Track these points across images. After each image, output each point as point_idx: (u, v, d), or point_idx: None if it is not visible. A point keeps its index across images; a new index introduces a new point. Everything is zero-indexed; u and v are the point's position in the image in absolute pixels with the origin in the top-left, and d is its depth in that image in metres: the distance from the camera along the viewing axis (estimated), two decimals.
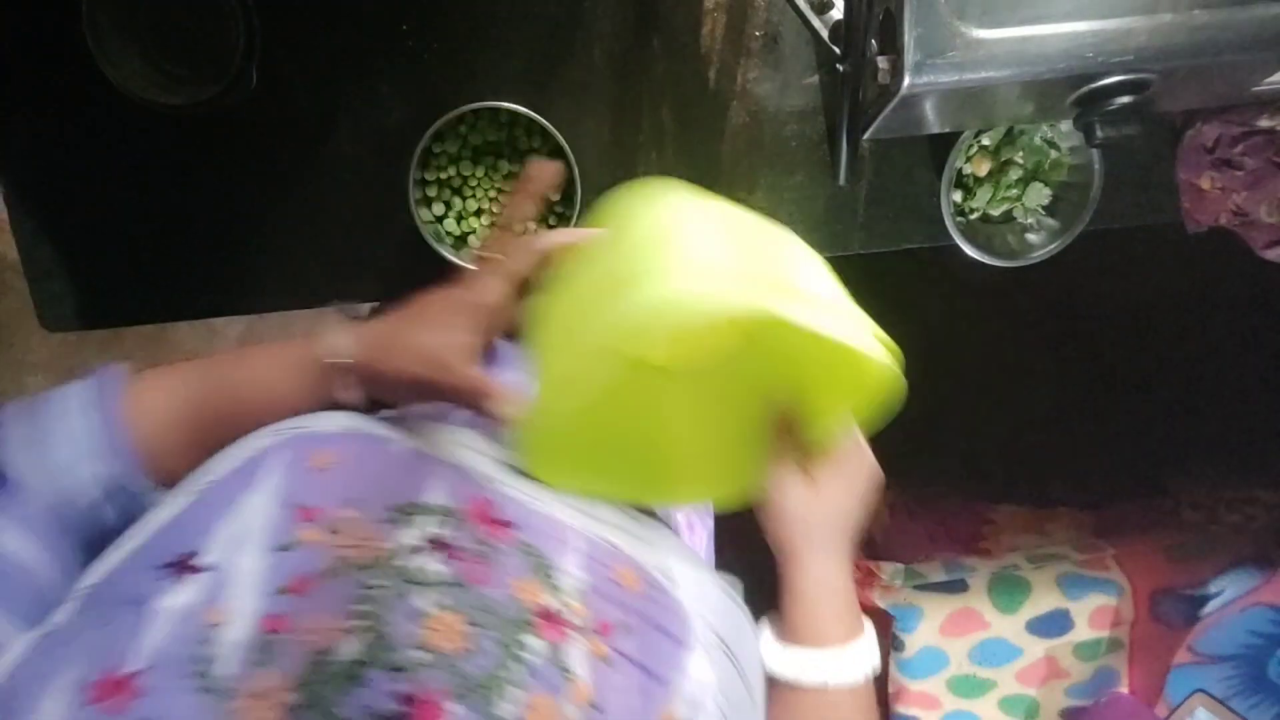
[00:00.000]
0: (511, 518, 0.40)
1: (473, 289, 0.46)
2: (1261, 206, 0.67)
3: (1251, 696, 0.89)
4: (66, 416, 0.44)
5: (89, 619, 0.32)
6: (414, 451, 0.42)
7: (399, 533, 0.36)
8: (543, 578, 0.38)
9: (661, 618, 0.39)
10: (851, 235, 0.72)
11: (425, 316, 0.47)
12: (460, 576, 0.35)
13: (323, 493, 0.37)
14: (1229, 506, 1.09)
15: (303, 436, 0.40)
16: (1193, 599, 0.97)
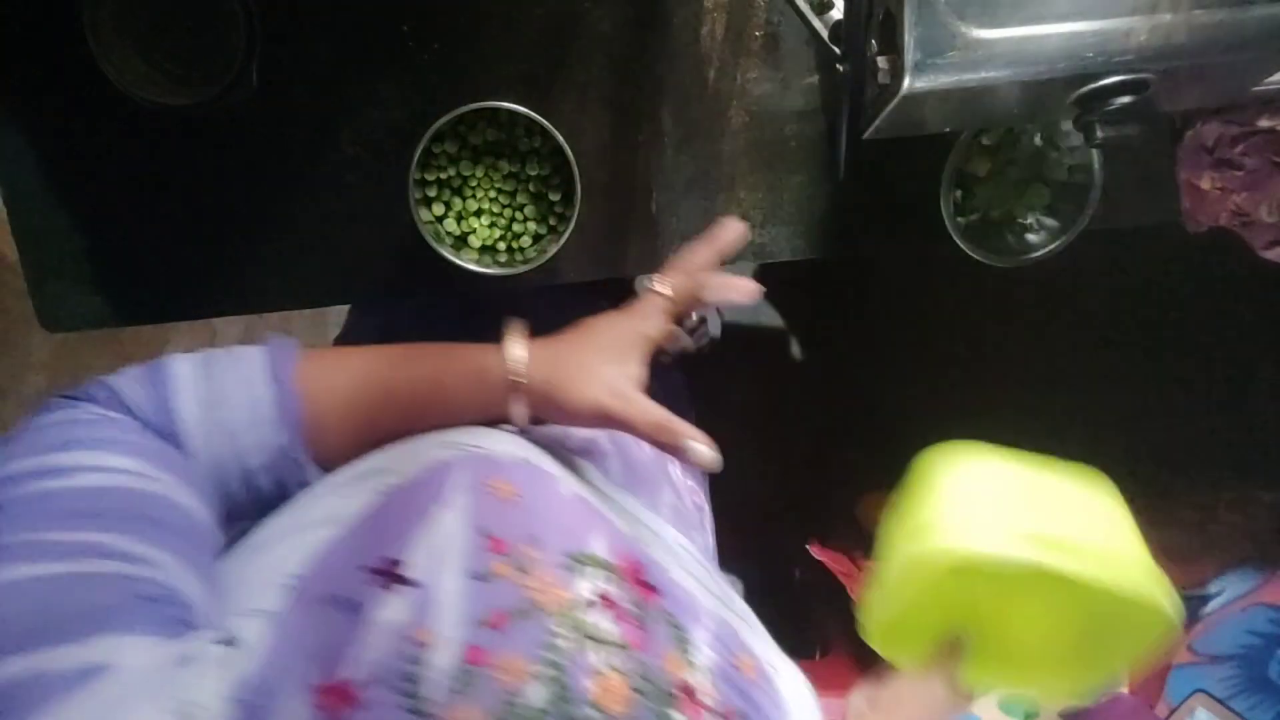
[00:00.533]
0: (657, 583, 0.40)
1: (644, 322, 0.48)
2: (1261, 206, 0.67)
3: (1252, 696, 0.89)
4: (246, 382, 0.42)
5: (309, 616, 0.31)
6: (578, 497, 0.41)
7: (575, 582, 0.36)
8: (682, 651, 0.38)
9: (771, 713, 0.39)
10: (851, 235, 0.72)
11: (602, 345, 0.47)
12: (625, 639, 0.35)
13: (509, 525, 0.36)
14: (1229, 506, 1.09)
15: (481, 458, 0.39)
16: (1193, 599, 0.97)
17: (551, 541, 0.37)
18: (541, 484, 0.40)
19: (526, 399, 0.46)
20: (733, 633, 0.42)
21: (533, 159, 0.66)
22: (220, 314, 0.72)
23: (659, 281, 0.49)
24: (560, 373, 0.46)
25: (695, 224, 0.71)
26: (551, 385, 0.46)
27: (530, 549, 0.35)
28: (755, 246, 0.72)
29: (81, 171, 0.68)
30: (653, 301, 0.49)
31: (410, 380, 0.46)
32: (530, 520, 0.37)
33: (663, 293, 0.48)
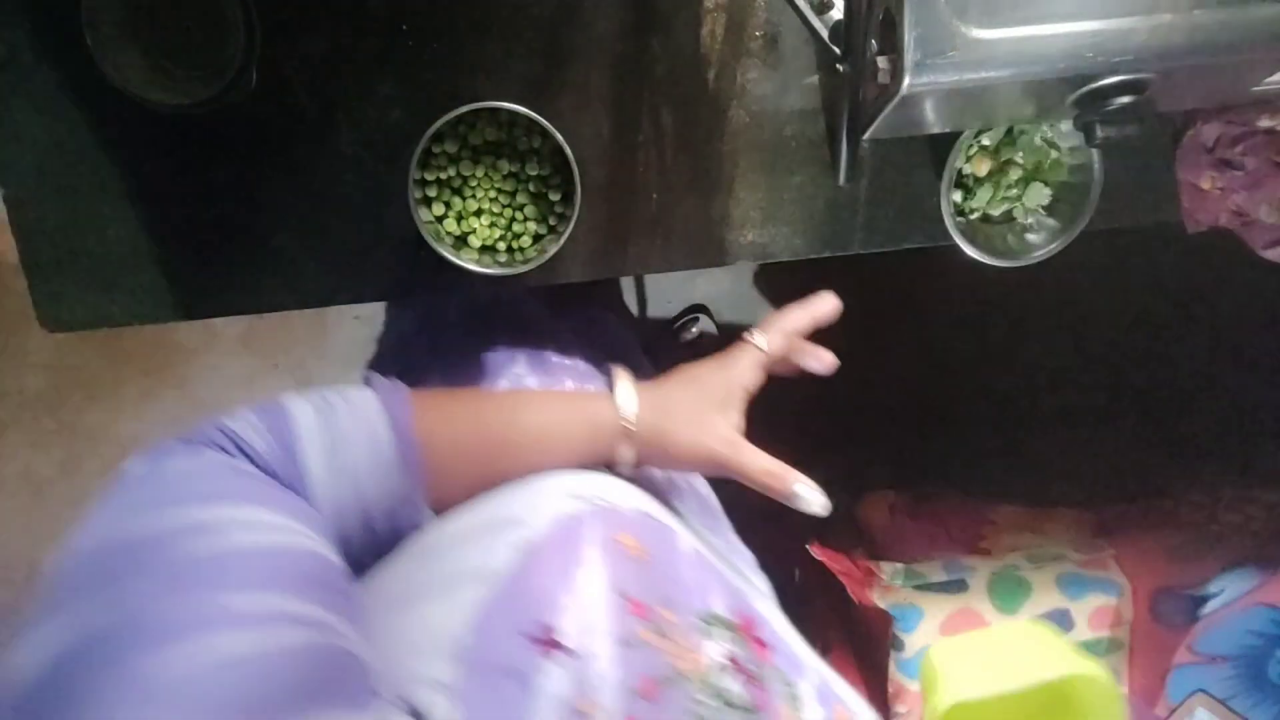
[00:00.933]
0: (768, 639, 0.40)
1: (745, 373, 0.51)
2: (1261, 206, 0.67)
3: (1251, 696, 0.89)
4: (367, 428, 0.41)
5: (484, 688, 0.30)
6: (696, 551, 0.41)
7: (706, 645, 0.35)
8: (795, 710, 0.37)
9: None
10: (851, 235, 0.72)
11: (707, 393, 0.49)
12: (754, 703, 0.35)
13: (644, 586, 0.36)
14: (1229, 506, 1.09)
15: (607, 512, 0.39)
16: (1193, 599, 0.97)
17: (682, 602, 0.36)
18: (664, 539, 0.40)
19: (635, 445, 0.47)
20: (827, 684, 0.41)
21: (533, 159, 0.66)
22: (220, 314, 0.72)
23: (759, 336, 0.52)
24: (669, 420, 0.48)
25: (695, 224, 0.71)
26: (661, 432, 0.47)
27: (666, 611, 0.35)
28: (755, 246, 0.72)
29: (81, 171, 0.68)
30: (751, 354, 0.51)
31: (523, 427, 0.47)
32: (661, 580, 0.37)
33: (761, 348, 0.51)
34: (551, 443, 0.47)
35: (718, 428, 0.48)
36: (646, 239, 0.71)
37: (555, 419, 0.47)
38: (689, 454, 0.48)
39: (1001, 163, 0.70)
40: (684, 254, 0.72)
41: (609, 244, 0.71)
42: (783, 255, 0.72)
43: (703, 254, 0.72)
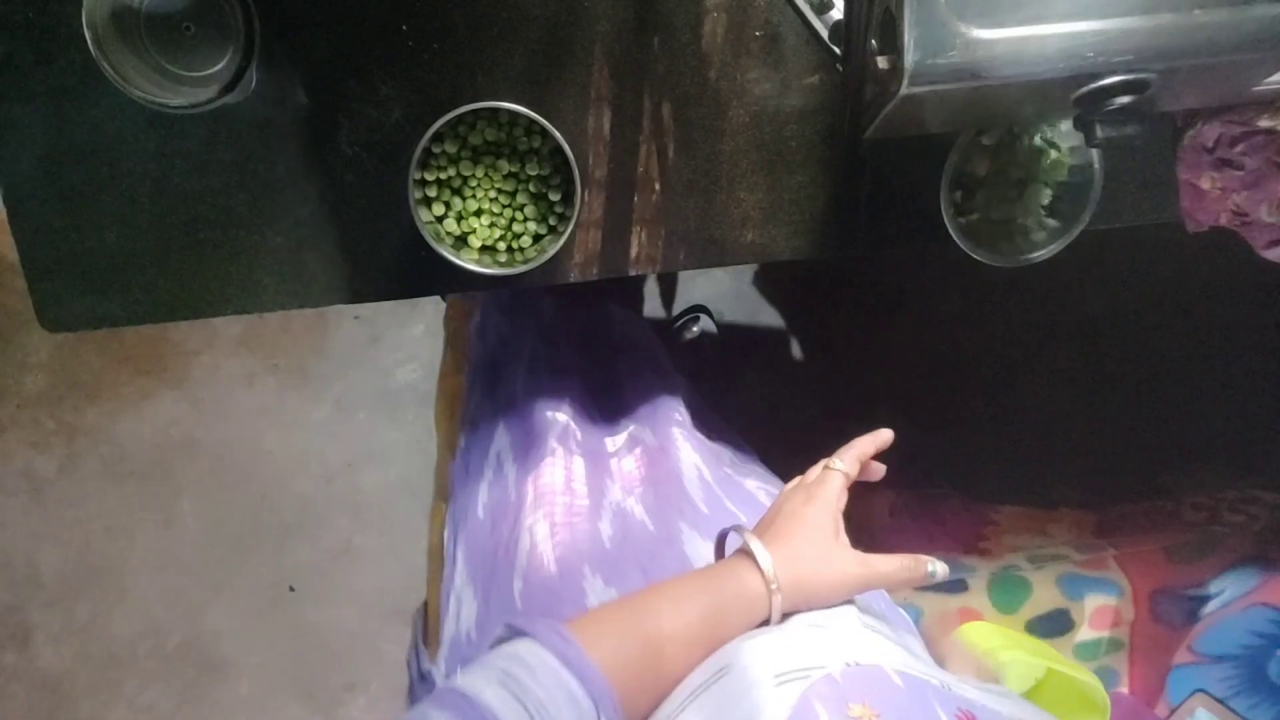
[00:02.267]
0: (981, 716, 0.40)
1: (840, 500, 0.56)
2: (1261, 206, 0.67)
3: (1252, 696, 0.89)
4: (556, 684, 0.41)
5: None
6: (901, 674, 0.41)
7: None
8: None
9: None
10: (851, 235, 0.72)
11: (820, 528, 0.53)
12: None
13: None
14: (1230, 507, 1.09)
15: (821, 683, 0.39)
16: (1193, 599, 0.97)
17: None
18: (880, 686, 0.39)
19: (783, 603, 0.49)
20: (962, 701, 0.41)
21: (533, 159, 0.66)
22: (220, 314, 0.72)
23: (838, 463, 0.58)
24: (803, 566, 0.51)
25: (695, 224, 0.71)
26: (800, 581, 0.50)
27: None
28: (755, 246, 0.72)
29: (82, 172, 0.68)
30: (838, 481, 0.56)
31: (685, 623, 0.47)
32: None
33: (847, 472, 0.57)
34: (714, 629, 0.48)
35: (846, 558, 0.52)
36: (647, 239, 0.71)
37: (709, 604, 0.48)
38: (831, 592, 0.51)
39: (1001, 163, 0.70)
40: (684, 254, 0.72)
41: (609, 244, 0.71)
42: (783, 255, 0.72)
43: (703, 254, 0.72)
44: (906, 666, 0.42)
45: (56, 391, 1.67)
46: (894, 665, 0.42)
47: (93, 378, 1.67)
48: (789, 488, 0.59)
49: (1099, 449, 1.42)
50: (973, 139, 0.69)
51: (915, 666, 0.43)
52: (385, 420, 1.65)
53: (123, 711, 1.65)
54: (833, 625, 0.48)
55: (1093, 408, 1.50)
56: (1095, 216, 0.71)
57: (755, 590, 0.49)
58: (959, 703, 0.40)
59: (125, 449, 1.68)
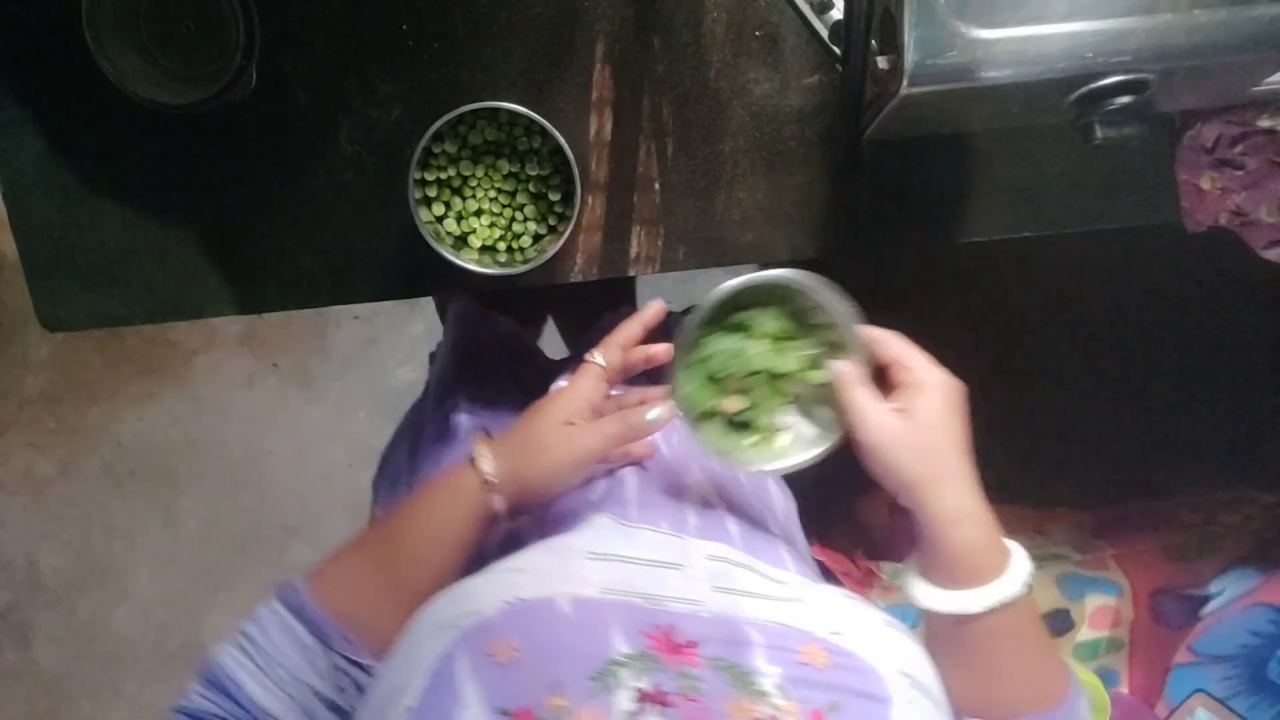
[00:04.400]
0: (692, 636, 0.40)
1: (584, 389, 0.54)
2: (1261, 206, 0.67)
3: (1251, 696, 0.89)
4: (282, 629, 0.47)
5: None
6: (577, 602, 0.42)
7: (612, 701, 0.36)
8: (745, 689, 0.37)
9: (858, 683, 0.39)
10: (852, 235, 0.72)
11: (548, 417, 0.53)
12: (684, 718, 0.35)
13: (525, 688, 0.37)
14: (1228, 507, 1.09)
15: (474, 629, 0.40)
16: (1193, 599, 0.97)
17: (572, 675, 0.37)
18: (537, 618, 0.41)
19: (505, 495, 0.51)
20: (787, 630, 0.42)
21: (533, 159, 0.66)
22: (220, 314, 0.72)
23: (597, 354, 0.56)
24: (525, 456, 0.52)
25: (695, 224, 0.71)
26: (520, 471, 0.51)
27: (555, 698, 0.36)
28: (755, 246, 0.72)
29: (81, 171, 0.68)
30: (590, 371, 0.55)
31: (409, 539, 0.51)
32: (543, 668, 0.37)
33: (599, 363, 0.55)
34: (437, 537, 0.51)
35: (561, 439, 0.52)
36: (647, 239, 0.71)
37: (429, 514, 0.52)
38: (551, 477, 0.52)
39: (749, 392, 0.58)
40: (684, 254, 0.72)
41: (609, 244, 0.71)
42: (783, 255, 0.72)
43: (703, 254, 0.72)
44: (606, 592, 0.43)
45: (57, 391, 1.67)
46: (578, 593, 0.42)
47: (93, 377, 1.67)
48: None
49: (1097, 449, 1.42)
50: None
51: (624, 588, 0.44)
52: (385, 420, 1.65)
53: (123, 711, 1.65)
54: (531, 562, 0.48)
55: (1091, 408, 1.50)
56: (1095, 216, 0.71)
57: (469, 486, 0.51)
58: (667, 618, 0.41)
59: (125, 449, 1.68)
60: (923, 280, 1.52)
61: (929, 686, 0.42)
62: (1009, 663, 0.48)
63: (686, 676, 0.38)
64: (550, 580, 0.44)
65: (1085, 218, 0.72)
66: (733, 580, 0.47)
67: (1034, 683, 0.49)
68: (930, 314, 1.52)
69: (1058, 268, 1.53)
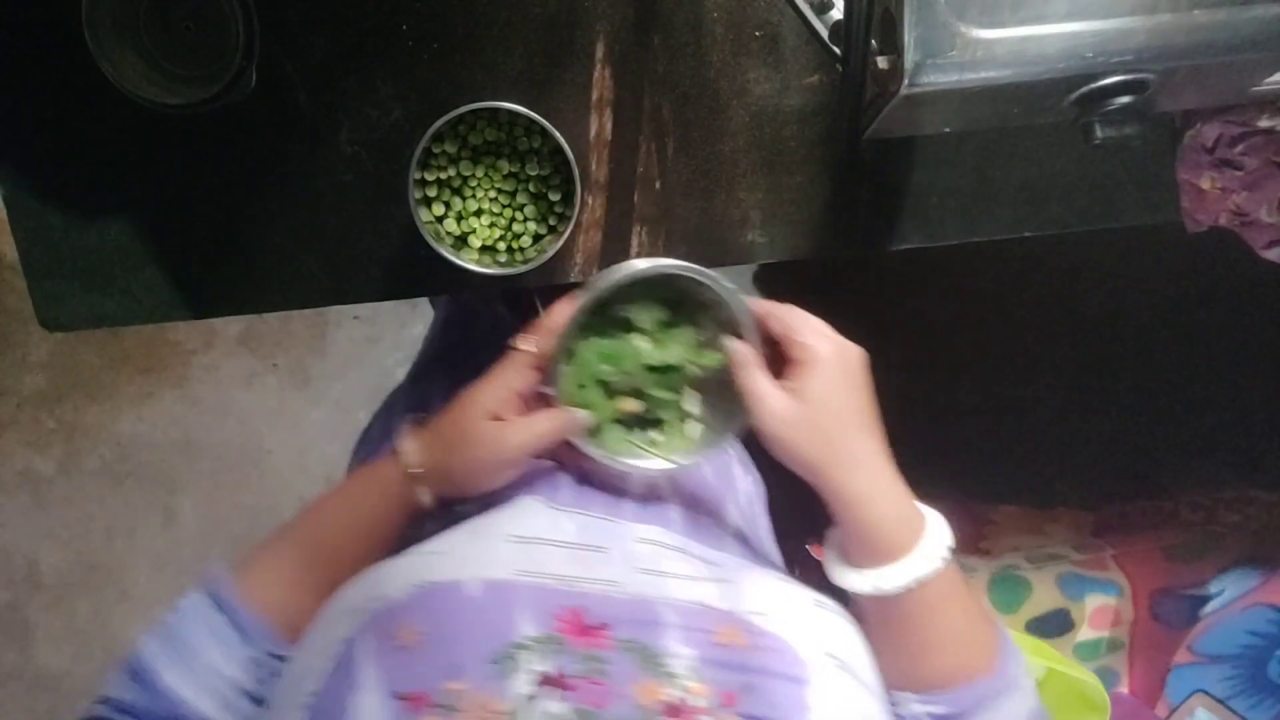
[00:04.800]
0: (604, 618, 0.40)
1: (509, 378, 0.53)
2: (1261, 206, 0.67)
3: (1251, 696, 0.89)
4: (202, 620, 0.47)
5: None
6: (487, 584, 0.42)
7: (510, 684, 0.36)
8: (655, 670, 0.37)
9: (775, 663, 0.39)
10: (851, 235, 0.72)
11: (472, 408, 0.52)
12: (584, 706, 0.35)
13: (423, 672, 0.36)
14: (1229, 506, 1.09)
15: (380, 614, 0.40)
16: (1193, 599, 0.97)
17: (472, 659, 0.37)
18: (443, 602, 0.41)
19: (430, 486, 0.50)
20: (707, 611, 0.41)
21: (533, 159, 0.66)
22: (220, 314, 0.72)
23: (524, 341, 0.54)
24: (447, 447, 0.51)
25: (695, 224, 0.71)
26: (440, 465, 0.50)
27: (451, 683, 0.35)
28: (755, 246, 0.72)
29: (81, 171, 0.68)
30: (515, 359, 0.54)
31: (333, 530, 0.51)
32: (443, 651, 0.37)
33: (526, 349, 0.54)
34: (361, 529, 0.50)
35: (484, 434, 0.51)
36: (647, 239, 0.71)
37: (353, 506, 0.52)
38: (478, 474, 0.51)
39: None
40: (684, 254, 0.71)
41: (609, 244, 0.71)
42: (783, 255, 0.72)
43: (703, 254, 0.72)
44: (520, 574, 0.43)
45: (56, 391, 1.67)
46: (489, 576, 0.42)
47: (93, 377, 1.67)
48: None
49: (1097, 449, 1.42)
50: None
51: (540, 570, 0.43)
52: None
53: None
54: (449, 544, 0.47)
55: (1091, 407, 1.50)
56: (1095, 216, 0.71)
57: (394, 477, 0.51)
58: (580, 600, 0.41)
59: (125, 449, 1.68)
60: (923, 280, 1.52)
61: (855, 666, 0.42)
62: (935, 636, 0.47)
63: (593, 659, 0.37)
64: (463, 563, 0.44)
65: (1085, 218, 0.72)
66: (660, 563, 0.46)
67: (963, 652, 0.47)
68: (930, 314, 1.53)
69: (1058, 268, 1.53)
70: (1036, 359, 1.52)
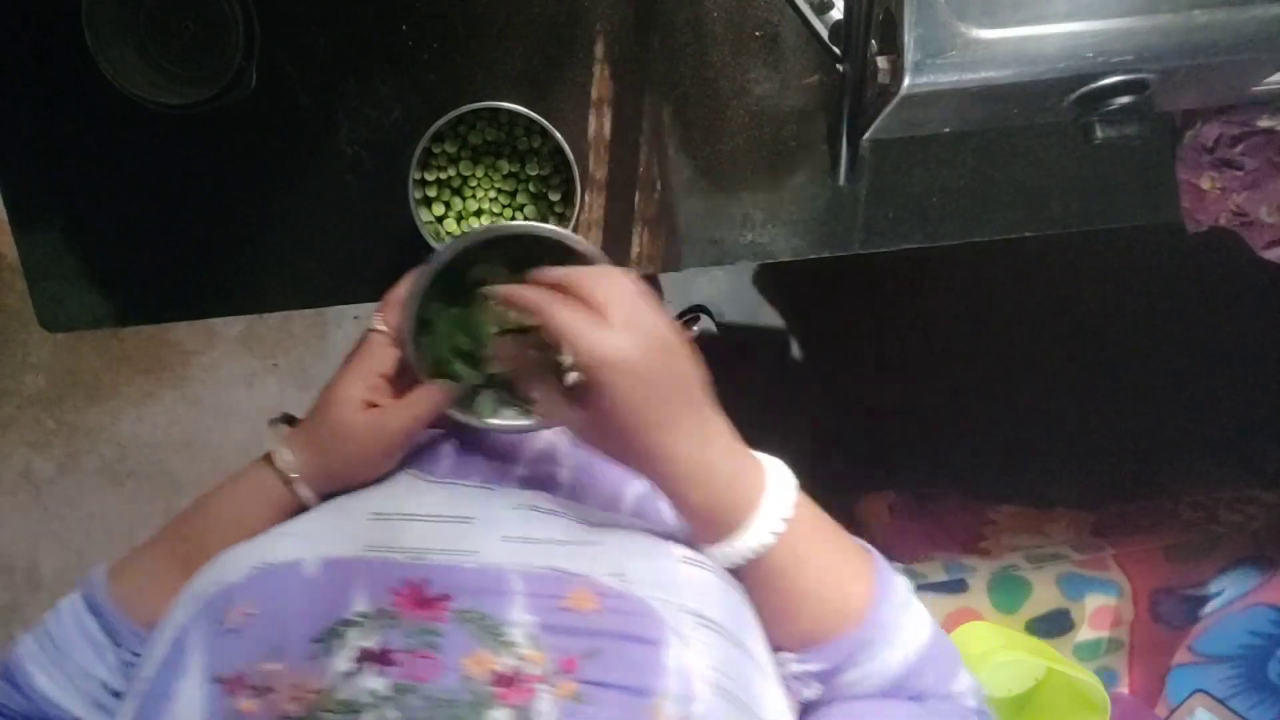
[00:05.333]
0: (447, 589, 0.39)
1: (372, 361, 0.52)
2: (1261, 206, 0.67)
3: (1251, 696, 0.89)
4: (75, 624, 0.47)
5: None
6: (327, 563, 0.41)
7: (330, 663, 0.35)
8: (491, 640, 0.36)
9: (627, 625, 0.38)
10: (851, 235, 0.72)
11: (339, 396, 0.50)
12: (404, 681, 0.34)
13: (245, 654, 0.36)
14: (1229, 506, 1.09)
15: (215, 597, 0.40)
16: (1193, 599, 0.97)
17: (295, 639, 0.36)
18: (277, 582, 0.40)
19: (310, 485, 0.50)
20: (561, 576, 0.40)
21: (533, 159, 0.66)
22: (220, 314, 0.72)
23: (377, 319, 0.53)
24: (320, 444, 0.50)
25: (695, 224, 0.71)
26: (322, 460, 0.50)
27: (269, 663, 0.35)
28: (755, 246, 0.72)
29: (81, 171, 0.68)
30: (373, 340, 0.52)
31: (207, 533, 0.50)
32: (268, 632, 0.37)
33: (380, 329, 0.53)
34: (237, 531, 0.48)
35: (358, 424, 0.50)
36: (647, 238, 0.71)
37: (229, 509, 0.51)
38: (360, 465, 0.50)
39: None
40: (684, 254, 0.72)
41: (609, 244, 0.71)
42: (783, 255, 0.72)
43: (703, 254, 0.72)
44: (367, 550, 0.42)
45: (56, 391, 1.67)
46: (331, 554, 0.42)
47: (93, 377, 1.67)
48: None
49: (1097, 448, 1.42)
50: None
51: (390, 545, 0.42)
52: None
53: None
54: (306, 525, 0.47)
55: (1091, 407, 1.50)
56: (1095, 216, 0.71)
57: (272, 484, 0.50)
58: (424, 572, 0.40)
59: (125, 449, 1.68)
60: (923, 280, 1.52)
61: (724, 623, 0.40)
62: (799, 591, 0.45)
63: (427, 632, 0.37)
64: (309, 542, 0.43)
65: (1085, 218, 0.72)
66: (527, 529, 0.45)
67: (833, 604, 0.45)
68: (930, 314, 1.53)
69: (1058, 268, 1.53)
70: (1036, 359, 1.52)
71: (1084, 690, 0.90)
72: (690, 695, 0.35)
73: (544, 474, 0.54)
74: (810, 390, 1.57)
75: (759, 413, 0.66)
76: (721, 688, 0.36)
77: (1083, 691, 0.90)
